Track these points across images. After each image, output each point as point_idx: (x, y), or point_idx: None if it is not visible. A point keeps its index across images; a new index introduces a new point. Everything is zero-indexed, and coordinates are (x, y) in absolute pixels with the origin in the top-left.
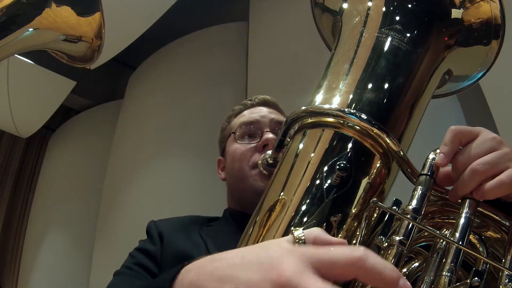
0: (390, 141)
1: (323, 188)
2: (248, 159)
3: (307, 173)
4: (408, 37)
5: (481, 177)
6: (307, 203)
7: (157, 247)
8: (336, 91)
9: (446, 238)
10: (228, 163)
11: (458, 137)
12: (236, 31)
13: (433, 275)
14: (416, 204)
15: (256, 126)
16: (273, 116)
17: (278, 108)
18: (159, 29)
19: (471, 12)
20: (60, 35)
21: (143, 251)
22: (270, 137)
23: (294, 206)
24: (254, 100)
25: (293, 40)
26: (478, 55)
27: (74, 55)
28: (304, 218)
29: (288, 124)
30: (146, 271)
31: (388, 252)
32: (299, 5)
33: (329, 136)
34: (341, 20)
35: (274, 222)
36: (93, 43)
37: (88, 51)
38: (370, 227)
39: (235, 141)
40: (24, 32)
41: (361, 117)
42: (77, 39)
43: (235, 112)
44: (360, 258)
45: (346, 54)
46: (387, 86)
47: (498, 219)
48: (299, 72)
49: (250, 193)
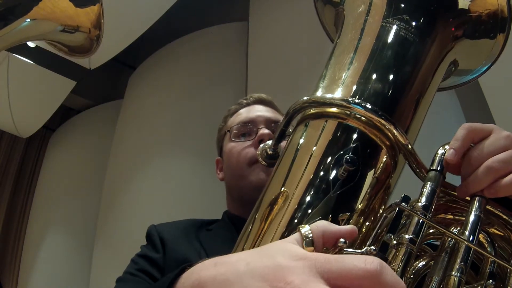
0: (398, 133)
1: (328, 182)
2: (245, 156)
3: (310, 166)
4: (414, 27)
5: (496, 175)
6: (311, 197)
7: (160, 254)
8: (340, 81)
9: (457, 237)
10: (225, 162)
11: (471, 134)
12: (236, 31)
13: (442, 274)
14: (425, 201)
15: (251, 125)
16: (269, 114)
17: (274, 106)
18: (159, 29)
19: (478, 3)
20: (58, 25)
21: (145, 257)
22: (265, 133)
23: (297, 200)
24: (249, 99)
25: (293, 40)
26: (484, 48)
27: (72, 45)
28: (308, 212)
29: (290, 115)
30: (149, 277)
31: (398, 251)
32: (299, 5)
33: (332, 127)
34: (344, 9)
35: (276, 216)
36: (91, 33)
37: (86, 42)
38: (383, 226)
39: (231, 140)
40: (21, 23)
41: (366, 107)
42: (75, 29)
43: (231, 112)
44: (376, 272)
45: (350, 44)
46: (393, 77)
47: (506, 218)
48: (299, 72)
49: (249, 189)
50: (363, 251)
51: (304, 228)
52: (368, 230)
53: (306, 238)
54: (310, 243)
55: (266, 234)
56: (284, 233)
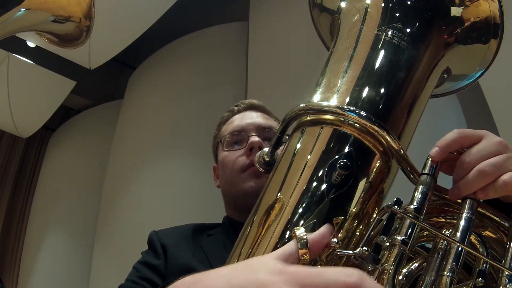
0: (391, 139)
1: (323, 187)
2: (237, 164)
3: (306, 172)
4: (407, 35)
5: (488, 179)
6: (306, 202)
7: (161, 261)
8: (335, 89)
9: (449, 238)
10: (220, 170)
11: (459, 138)
12: (236, 31)
13: (434, 275)
14: (417, 203)
15: (243, 133)
16: (259, 120)
17: (266, 110)
18: (159, 29)
19: (471, 10)
20: (50, 16)
21: (146, 264)
22: (255, 140)
23: (292, 205)
24: (240, 106)
25: (293, 40)
26: (477, 54)
27: (61, 34)
28: (303, 217)
29: (286, 122)
30: (151, 284)
31: (390, 252)
32: (299, 5)
33: (328, 134)
34: (339, 18)
35: (273, 221)
36: (82, 23)
37: (76, 31)
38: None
39: (224, 149)
40: (16, 13)
41: (360, 114)
42: (66, 19)
43: (223, 119)
44: (356, 284)
45: (345, 52)
46: (387, 84)
47: (497, 220)
48: (299, 72)
49: (242, 196)
50: (356, 252)
51: (299, 230)
52: (361, 232)
53: (301, 240)
54: (304, 245)
55: (263, 239)
56: (283, 234)
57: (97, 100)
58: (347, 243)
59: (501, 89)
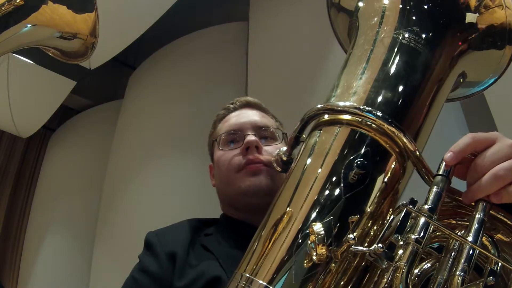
0: (407, 140)
1: (340, 185)
2: (233, 163)
3: (323, 171)
4: (424, 38)
5: (502, 182)
6: (323, 200)
7: (163, 268)
8: (353, 90)
9: (461, 238)
10: (216, 169)
11: (473, 144)
12: (236, 31)
13: (446, 274)
14: (431, 203)
15: (239, 131)
16: (255, 118)
17: (262, 108)
18: (159, 29)
19: (486, 17)
20: (56, 32)
21: (146, 273)
22: (251, 140)
23: (310, 202)
24: (236, 104)
25: (293, 40)
26: (492, 60)
27: (67, 51)
28: (320, 214)
29: (304, 121)
30: None
31: (404, 250)
32: (299, 5)
33: (345, 133)
34: (357, 20)
35: (290, 217)
36: (88, 40)
37: (82, 48)
38: (391, 228)
39: (219, 148)
40: (22, 28)
41: (377, 115)
42: (73, 36)
43: (219, 117)
44: None
45: (363, 54)
46: (403, 86)
47: (510, 223)
48: (299, 72)
49: (238, 196)
50: (371, 249)
51: (316, 226)
52: (376, 231)
53: (318, 235)
54: (321, 240)
55: (279, 236)
56: (299, 232)
57: (97, 100)
58: (361, 241)
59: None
